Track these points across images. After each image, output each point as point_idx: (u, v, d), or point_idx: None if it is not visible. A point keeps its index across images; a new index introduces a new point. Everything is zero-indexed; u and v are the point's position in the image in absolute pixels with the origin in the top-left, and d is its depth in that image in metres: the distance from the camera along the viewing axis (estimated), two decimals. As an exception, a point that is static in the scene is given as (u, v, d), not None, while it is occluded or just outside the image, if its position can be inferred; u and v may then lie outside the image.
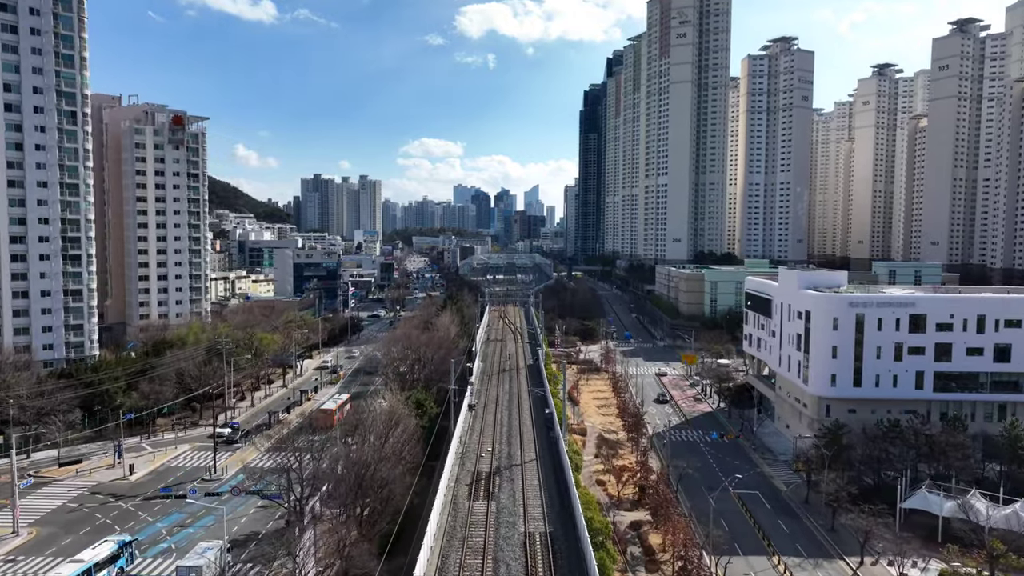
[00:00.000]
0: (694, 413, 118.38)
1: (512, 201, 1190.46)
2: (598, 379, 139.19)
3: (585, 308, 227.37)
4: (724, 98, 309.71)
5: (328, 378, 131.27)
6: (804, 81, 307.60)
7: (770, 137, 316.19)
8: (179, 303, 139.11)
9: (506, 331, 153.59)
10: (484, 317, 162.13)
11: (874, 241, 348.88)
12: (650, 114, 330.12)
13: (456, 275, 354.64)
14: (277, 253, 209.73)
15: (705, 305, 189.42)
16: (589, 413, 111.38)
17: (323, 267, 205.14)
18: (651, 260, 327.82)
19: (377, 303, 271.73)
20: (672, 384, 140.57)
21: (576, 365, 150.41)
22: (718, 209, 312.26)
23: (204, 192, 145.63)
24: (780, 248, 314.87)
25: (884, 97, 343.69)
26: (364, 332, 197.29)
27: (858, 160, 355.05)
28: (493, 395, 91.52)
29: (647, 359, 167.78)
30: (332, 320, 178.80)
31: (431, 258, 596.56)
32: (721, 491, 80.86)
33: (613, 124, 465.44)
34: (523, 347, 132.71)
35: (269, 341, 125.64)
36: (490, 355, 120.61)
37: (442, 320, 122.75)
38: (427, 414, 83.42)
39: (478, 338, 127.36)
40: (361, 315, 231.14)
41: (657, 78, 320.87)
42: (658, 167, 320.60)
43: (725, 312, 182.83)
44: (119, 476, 77.50)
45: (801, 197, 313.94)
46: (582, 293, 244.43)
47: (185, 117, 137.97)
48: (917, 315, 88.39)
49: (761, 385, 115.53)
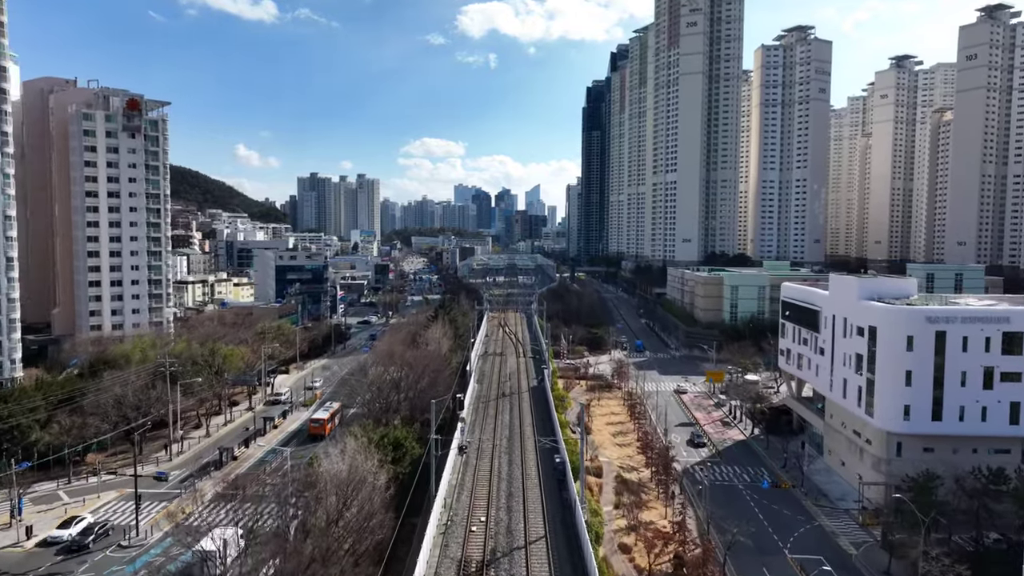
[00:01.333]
0: (725, 442, 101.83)
1: (513, 201, 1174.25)
2: (611, 398, 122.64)
3: (592, 313, 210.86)
4: (736, 91, 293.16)
5: (302, 398, 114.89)
6: (821, 72, 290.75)
7: (785, 132, 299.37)
8: (136, 312, 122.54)
9: (506, 343, 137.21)
10: (482, 326, 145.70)
11: (892, 241, 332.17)
12: (658, 108, 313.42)
13: (454, 277, 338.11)
14: (258, 255, 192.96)
15: (724, 312, 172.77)
16: (604, 444, 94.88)
17: (307, 269, 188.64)
18: (659, 261, 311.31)
19: (370, 307, 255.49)
20: (694, 403, 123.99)
21: (585, 381, 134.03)
22: (730, 208, 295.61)
23: (165, 186, 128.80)
24: (796, 249, 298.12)
25: (903, 90, 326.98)
26: (352, 341, 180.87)
27: (875, 156, 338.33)
28: (490, 430, 75.02)
29: (663, 372, 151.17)
30: (315, 328, 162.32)
31: (430, 259, 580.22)
32: (776, 554, 64.52)
33: (617, 120, 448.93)
34: (526, 363, 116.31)
35: (234, 356, 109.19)
36: (488, 374, 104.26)
37: (433, 332, 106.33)
38: (407, 456, 67.02)
39: (474, 352, 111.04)
40: (350, 321, 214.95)
41: (666, 70, 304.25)
42: (666, 163, 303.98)
43: (747, 320, 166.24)
44: (11, 542, 60.86)
45: (818, 195, 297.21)
46: (588, 297, 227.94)
47: (142, 101, 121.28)
48: (1012, 333, 71.86)
49: (804, 410, 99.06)
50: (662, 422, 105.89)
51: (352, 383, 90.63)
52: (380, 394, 76.76)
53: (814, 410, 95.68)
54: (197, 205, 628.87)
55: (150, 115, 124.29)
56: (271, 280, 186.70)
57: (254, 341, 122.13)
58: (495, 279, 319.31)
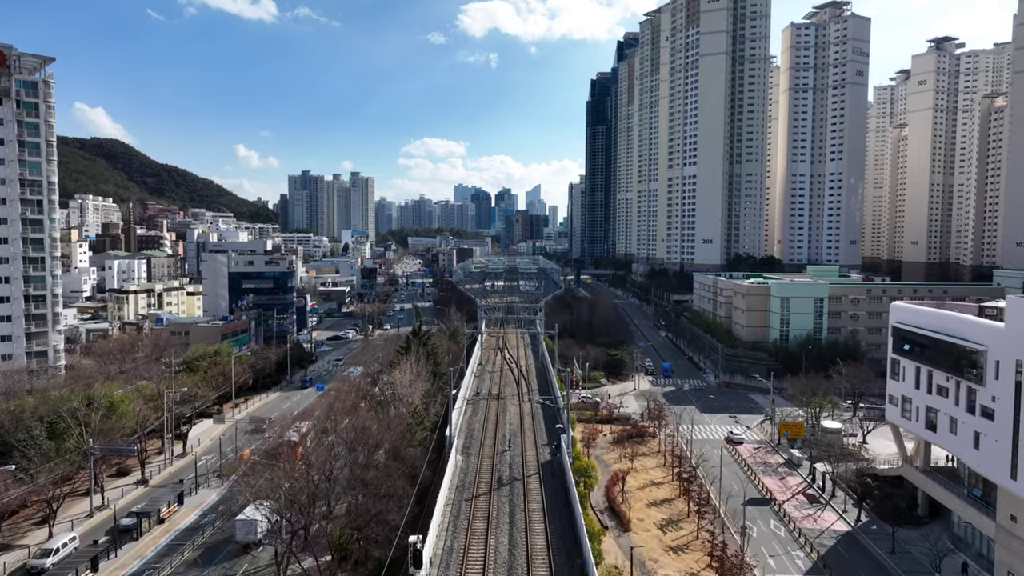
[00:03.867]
0: (822, 535, 70.27)
1: (514, 200, 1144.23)
2: (647, 454, 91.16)
3: (607, 328, 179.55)
4: (763, 73, 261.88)
5: (220, 461, 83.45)
6: (859, 53, 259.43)
7: (817, 120, 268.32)
8: (4, 340, 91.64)
9: (506, 376, 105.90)
10: (476, 351, 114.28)
11: (932, 242, 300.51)
12: (674, 95, 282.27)
13: (449, 283, 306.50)
14: (207, 259, 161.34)
15: (772, 329, 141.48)
16: (652, 548, 63.37)
17: (268, 276, 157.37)
18: (675, 265, 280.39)
19: (351, 318, 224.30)
20: (757, 462, 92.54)
21: (610, 427, 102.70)
22: (756, 205, 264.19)
23: (50, 170, 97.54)
24: (829, 251, 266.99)
25: (944, 75, 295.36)
26: (319, 364, 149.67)
27: (912, 149, 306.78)
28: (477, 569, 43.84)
29: (704, 408, 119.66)
30: (266, 352, 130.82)
31: (425, 261, 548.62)
32: None
33: (625, 112, 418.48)
34: (532, 412, 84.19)
35: (124, 406, 77.95)
36: (478, 437, 72.55)
37: (401, 374, 74.65)
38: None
39: (462, 395, 79.92)
40: (325, 336, 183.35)
41: (683, 52, 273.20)
42: (684, 156, 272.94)
43: (803, 340, 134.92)
44: None
45: (855, 190, 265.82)
46: (602, 307, 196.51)
47: (10, 53, 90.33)
48: None
49: (945, 494, 67.71)
50: (720, 493, 74.86)
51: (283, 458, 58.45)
52: (294, 503, 45.62)
53: (965, 497, 64.30)
54: (180, 204, 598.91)
55: (24, 75, 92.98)
56: (223, 289, 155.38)
57: (160, 378, 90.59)
58: (494, 285, 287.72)
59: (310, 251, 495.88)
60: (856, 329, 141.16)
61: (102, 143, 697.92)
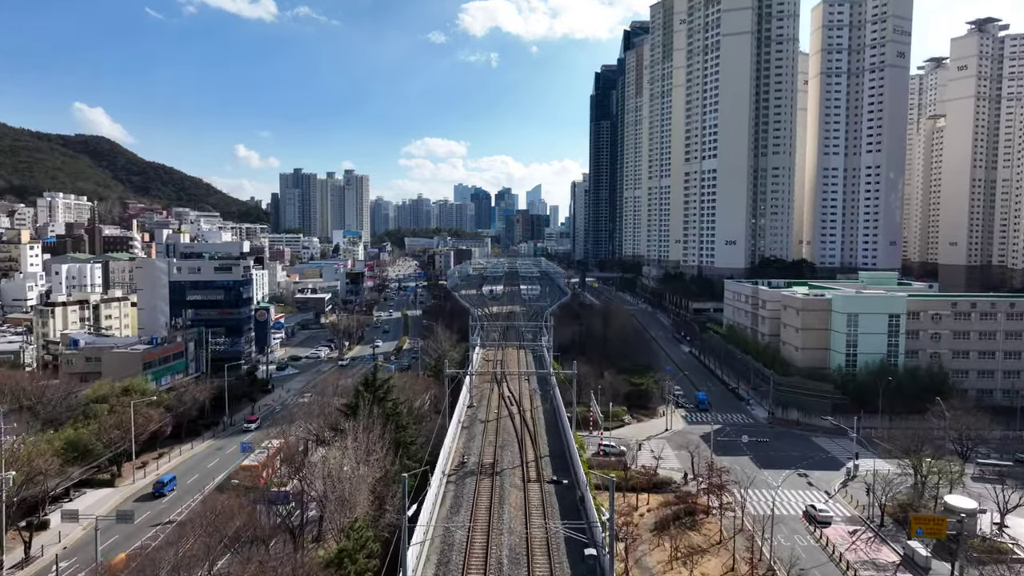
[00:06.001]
0: None
1: (514, 200, 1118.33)
2: (706, 551, 63.89)
3: (623, 344, 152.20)
4: (792, 55, 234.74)
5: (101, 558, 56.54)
6: (900, 32, 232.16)
7: (852, 107, 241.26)
8: None
9: (504, 428, 78.46)
10: (464, 390, 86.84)
11: (972, 243, 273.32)
12: (691, 81, 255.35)
13: (442, 287, 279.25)
14: (143, 266, 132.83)
15: (834, 352, 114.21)
16: None
17: (218, 286, 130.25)
18: (692, 268, 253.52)
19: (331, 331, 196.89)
20: (861, 559, 65.04)
21: (648, 498, 75.48)
22: (783, 202, 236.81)
23: None
24: (865, 253, 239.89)
25: (987, 60, 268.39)
26: (278, 394, 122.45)
27: (950, 141, 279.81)
28: None
29: (762, 461, 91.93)
30: (203, 384, 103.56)
31: (421, 263, 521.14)
32: None
33: (633, 104, 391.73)
34: (546, 504, 57.15)
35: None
36: (457, 569, 45.31)
37: (339, 458, 47.16)
38: None
39: (435, 488, 52.80)
40: (296, 353, 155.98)
41: (701, 33, 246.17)
42: (702, 148, 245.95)
43: (876, 367, 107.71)
44: None
45: (895, 185, 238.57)
46: (617, 320, 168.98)
47: None
48: None
49: None
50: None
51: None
52: None
53: None
54: (164, 203, 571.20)
55: None
56: (163, 303, 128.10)
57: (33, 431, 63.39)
58: (492, 291, 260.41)
59: (299, 252, 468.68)
60: (937, 353, 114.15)
61: (87, 140, 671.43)
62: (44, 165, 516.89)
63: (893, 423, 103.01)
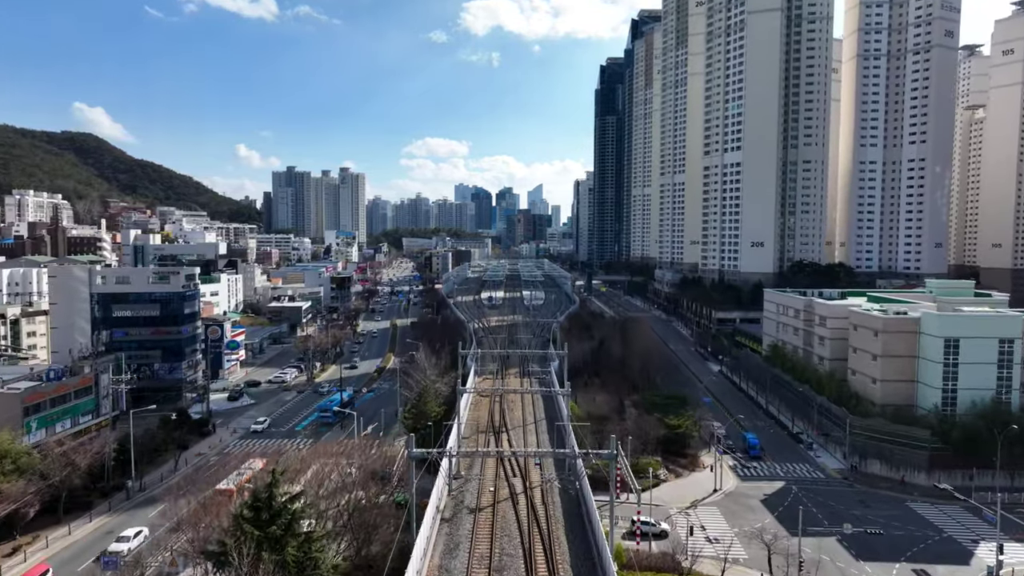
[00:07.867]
0: None
1: (515, 200, 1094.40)
2: None
3: (646, 366, 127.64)
4: (826, 36, 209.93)
5: None
6: (949, 8, 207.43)
7: (892, 93, 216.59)
8: None
9: (507, 524, 53.89)
10: (454, 437, 62.28)
11: (1018, 245, 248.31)
12: (711, 66, 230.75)
13: (437, 292, 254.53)
14: (57, 275, 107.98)
15: (925, 386, 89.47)
16: None
17: (153, 300, 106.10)
18: (712, 272, 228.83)
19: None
20: None
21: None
22: (816, 199, 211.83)
23: None
24: (907, 256, 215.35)
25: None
26: (221, 435, 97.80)
27: (992, 133, 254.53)
28: None
29: (859, 547, 66.71)
30: (100, 435, 79.02)
31: (418, 264, 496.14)
32: None
33: (642, 97, 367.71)
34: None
35: None
36: None
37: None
38: None
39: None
40: (242, 384, 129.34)
41: (723, 12, 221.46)
42: (724, 140, 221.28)
43: (986, 407, 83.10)
44: None
45: (941, 181, 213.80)
46: (637, 334, 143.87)
47: None
48: None
49: None
50: None
51: None
52: None
53: None
54: (149, 202, 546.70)
55: None
56: (82, 320, 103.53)
57: None
58: (492, 297, 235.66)
59: (288, 254, 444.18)
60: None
61: (73, 137, 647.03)
62: (21, 162, 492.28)
63: (1016, 483, 78.72)
